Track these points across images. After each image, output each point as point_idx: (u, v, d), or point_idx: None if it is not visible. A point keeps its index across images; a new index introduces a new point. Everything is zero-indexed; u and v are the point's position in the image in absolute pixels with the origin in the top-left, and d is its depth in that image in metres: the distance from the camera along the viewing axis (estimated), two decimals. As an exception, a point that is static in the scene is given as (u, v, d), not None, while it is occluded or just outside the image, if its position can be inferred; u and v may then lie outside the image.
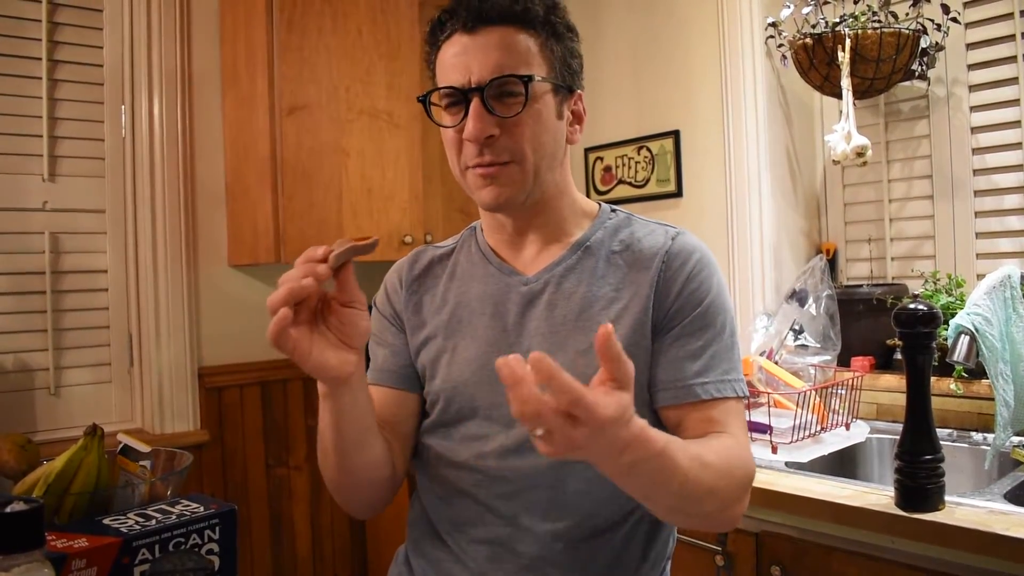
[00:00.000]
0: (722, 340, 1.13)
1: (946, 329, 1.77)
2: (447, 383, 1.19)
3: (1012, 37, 2.16)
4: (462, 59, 1.09)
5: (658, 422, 1.13)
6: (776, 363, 2.18)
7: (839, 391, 2.09)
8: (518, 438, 1.13)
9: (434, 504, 1.23)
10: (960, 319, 1.70)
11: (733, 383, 1.12)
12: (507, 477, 1.14)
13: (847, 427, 2.07)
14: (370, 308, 1.09)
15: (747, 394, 1.15)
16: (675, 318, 1.13)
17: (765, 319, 2.37)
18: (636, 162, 2.84)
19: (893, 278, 2.44)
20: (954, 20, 2.16)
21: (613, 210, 1.26)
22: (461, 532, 1.19)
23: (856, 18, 2.16)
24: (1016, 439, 1.82)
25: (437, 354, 1.22)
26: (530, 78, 1.08)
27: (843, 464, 1.98)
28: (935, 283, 2.17)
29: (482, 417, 1.17)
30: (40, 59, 2.48)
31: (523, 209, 1.17)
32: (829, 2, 2.33)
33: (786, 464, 1.82)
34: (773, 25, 2.38)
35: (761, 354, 2.22)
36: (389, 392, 1.25)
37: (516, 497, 1.15)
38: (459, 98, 1.10)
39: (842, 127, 2.18)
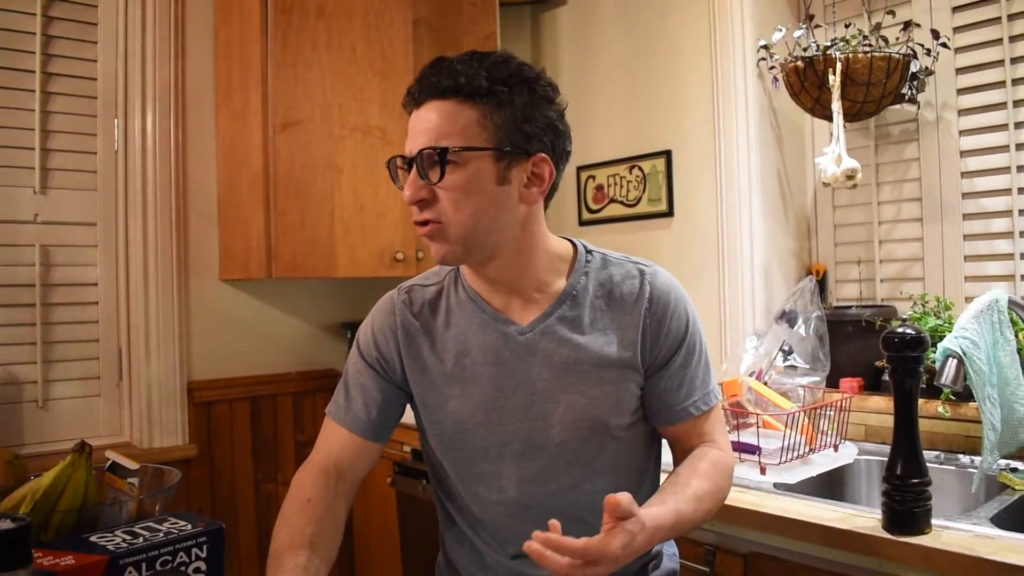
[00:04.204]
0: (701, 362, 1.32)
1: (934, 352, 1.78)
2: (459, 424, 1.29)
3: (1001, 63, 2.18)
4: (411, 130, 1.20)
5: (652, 431, 1.35)
6: (765, 384, 2.18)
7: (828, 412, 2.10)
8: (532, 470, 1.28)
9: (474, 524, 1.35)
10: (948, 342, 1.71)
11: (714, 391, 1.33)
12: (528, 503, 1.28)
13: (835, 448, 2.07)
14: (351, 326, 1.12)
15: (721, 396, 1.37)
16: (664, 355, 1.29)
17: (755, 339, 2.38)
18: (628, 181, 2.86)
19: (882, 300, 2.46)
20: (944, 45, 2.18)
21: (588, 251, 1.34)
22: (503, 549, 1.32)
23: (847, 42, 2.17)
24: (1003, 462, 1.83)
25: (444, 398, 1.30)
26: (444, 150, 1.15)
27: (831, 485, 1.98)
28: (923, 305, 2.18)
29: (495, 455, 1.28)
30: (34, 72, 2.49)
31: (482, 264, 1.26)
32: (820, 25, 2.36)
33: (775, 485, 1.82)
34: (765, 47, 2.40)
35: (750, 374, 2.23)
36: (359, 442, 1.32)
37: (539, 518, 1.25)
38: (408, 165, 1.20)
39: (832, 149, 2.19)
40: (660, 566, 1.39)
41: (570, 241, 1.35)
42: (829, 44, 2.20)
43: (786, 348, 2.25)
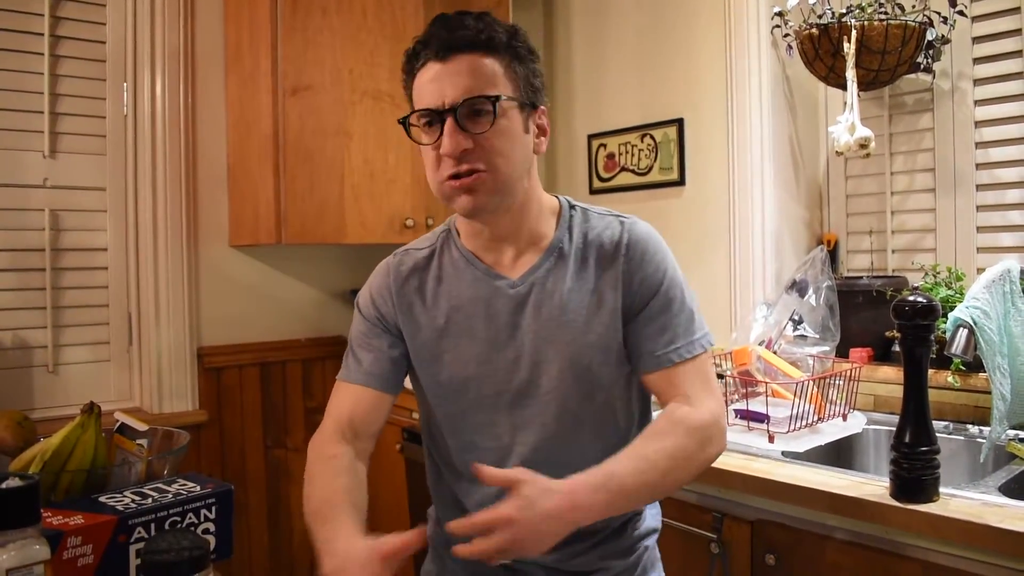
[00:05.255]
0: (683, 310, 1.31)
1: (945, 322, 1.77)
2: (454, 377, 1.34)
3: (1019, 31, 2.15)
4: (436, 84, 1.22)
5: (640, 387, 1.35)
6: (775, 353, 2.18)
7: (837, 382, 2.09)
8: (524, 418, 1.31)
9: (463, 488, 1.39)
10: (959, 312, 1.70)
11: (699, 341, 1.30)
12: (521, 453, 1.31)
13: (844, 418, 2.07)
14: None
15: (712, 344, 1.34)
16: (641, 301, 1.30)
17: (765, 308, 2.37)
18: (639, 149, 2.84)
19: (893, 270, 2.44)
20: (960, 13, 2.15)
21: (572, 206, 1.39)
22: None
23: (863, 9, 2.14)
24: (1012, 432, 1.82)
25: (439, 352, 1.35)
26: (497, 97, 1.21)
27: (839, 454, 1.98)
28: (935, 276, 2.16)
29: (489, 405, 1.33)
30: (42, 35, 2.47)
31: (497, 215, 1.29)
32: (836, -8, 2.32)
33: (783, 453, 1.82)
34: (779, 15, 2.37)
35: (760, 343, 2.22)
36: (372, 394, 1.36)
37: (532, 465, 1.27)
38: (435, 119, 1.22)
39: (846, 118, 2.17)
40: (642, 525, 1.41)
41: (556, 197, 1.41)
42: (844, 11, 2.17)
43: (796, 318, 2.24)
